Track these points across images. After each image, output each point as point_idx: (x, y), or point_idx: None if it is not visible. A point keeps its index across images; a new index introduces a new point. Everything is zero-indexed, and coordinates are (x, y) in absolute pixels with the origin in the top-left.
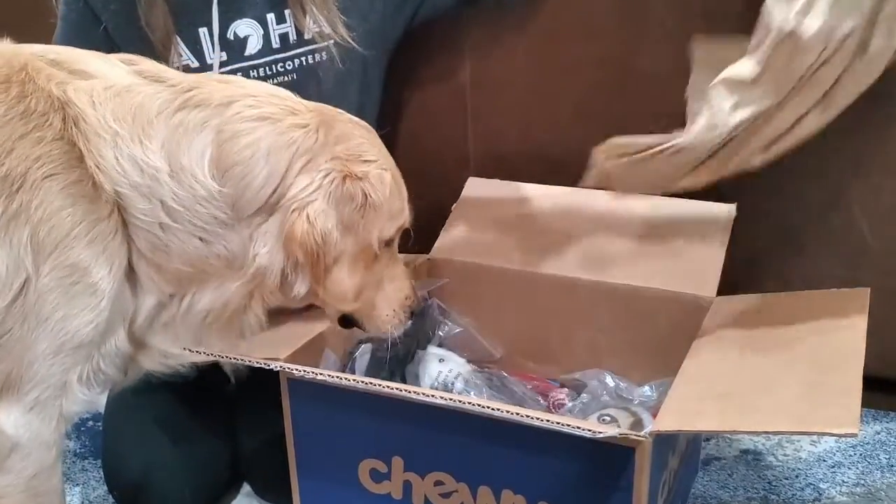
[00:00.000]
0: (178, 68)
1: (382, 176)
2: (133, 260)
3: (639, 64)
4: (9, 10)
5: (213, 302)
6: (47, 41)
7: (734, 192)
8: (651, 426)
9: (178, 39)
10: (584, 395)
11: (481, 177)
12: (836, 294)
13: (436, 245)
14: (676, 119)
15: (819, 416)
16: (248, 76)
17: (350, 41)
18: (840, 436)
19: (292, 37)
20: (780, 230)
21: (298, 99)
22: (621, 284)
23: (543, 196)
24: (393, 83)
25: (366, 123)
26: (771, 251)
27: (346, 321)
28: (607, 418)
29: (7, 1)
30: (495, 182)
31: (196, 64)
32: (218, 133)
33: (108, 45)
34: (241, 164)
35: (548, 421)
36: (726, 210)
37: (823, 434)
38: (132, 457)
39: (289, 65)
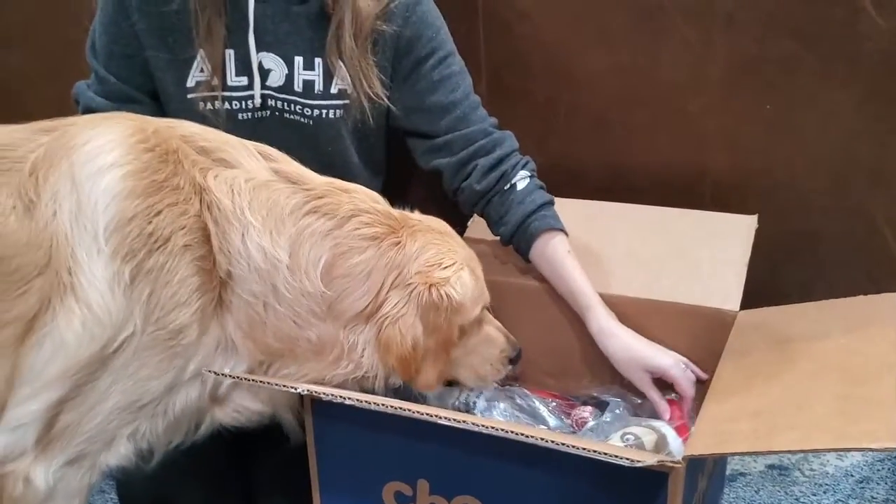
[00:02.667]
0: (196, 82)
1: (461, 277)
2: (229, 330)
3: (658, 74)
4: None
5: (295, 373)
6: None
7: (755, 203)
8: (682, 448)
9: (203, 54)
10: (606, 414)
11: None
12: (862, 301)
13: None
14: (691, 133)
15: (855, 430)
16: (265, 103)
17: (383, 98)
18: (879, 450)
19: (318, 87)
20: (802, 240)
21: (394, 212)
22: (643, 299)
23: (561, 208)
24: None
25: (442, 224)
26: (793, 261)
27: (447, 382)
28: (631, 437)
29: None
30: None
31: (216, 82)
32: (336, 245)
33: (136, 42)
34: (348, 276)
35: (584, 449)
36: (748, 221)
37: (862, 450)
38: (145, 485)
39: (307, 111)
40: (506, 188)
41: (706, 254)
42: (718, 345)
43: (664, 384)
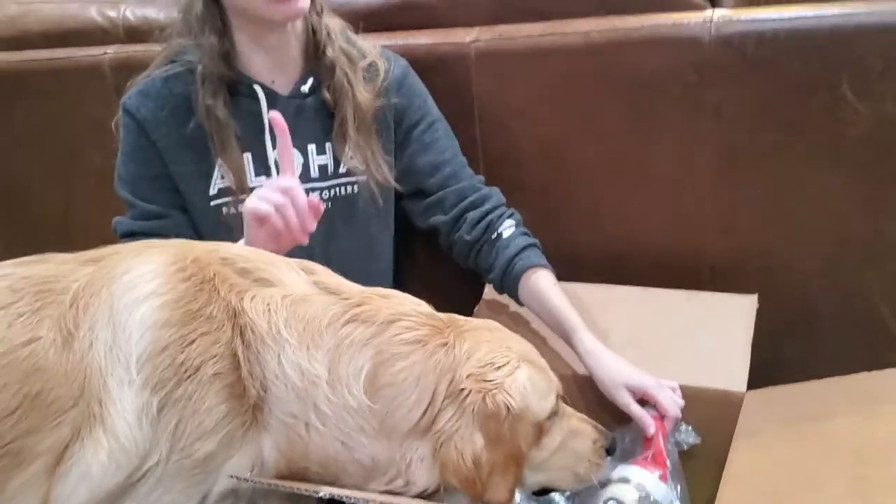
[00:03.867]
0: (218, 190)
1: (517, 378)
2: (265, 452)
3: (651, 164)
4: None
5: (359, 476)
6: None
7: (754, 283)
8: (666, 492)
9: (221, 162)
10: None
11: None
12: (865, 378)
13: None
14: (686, 218)
15: None
16: None
17: (389, 179)
18: None
19: (331, 167)
20: (802, 319)
21: (435, 313)
22: None
23: (564, 293)
24: None
25: (492, 322)
26: (794, 340)
27: (542, 490)
28: (613, 502)
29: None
30: None
31: (237, 187)
32: (377, 353)
33: (159, 162)
34: (394, 385)
35: None
36: (749, 302)
37: None
38: None
39: (325, 194)
40: (493, 237)
41: (709, 335)
42: (727, 426)
43: None
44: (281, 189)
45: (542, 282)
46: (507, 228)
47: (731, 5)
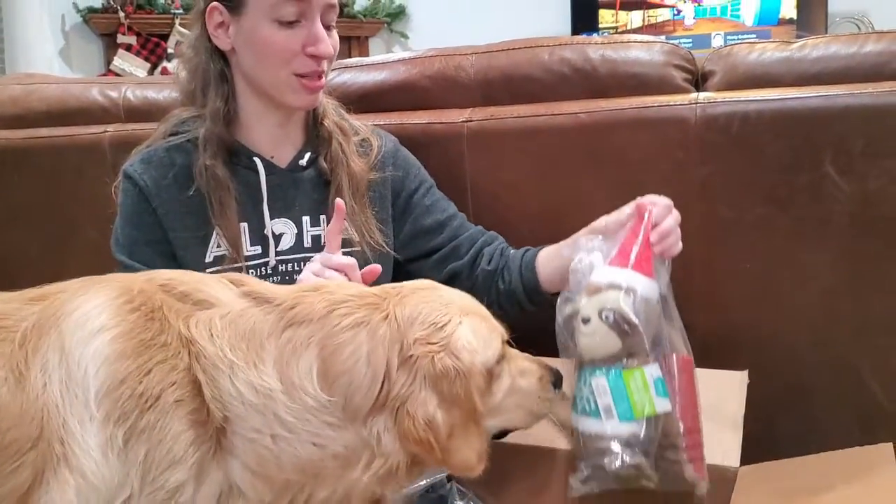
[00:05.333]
0: (214, 257)
1: (461, 335)
2: (234, 476)
3: None
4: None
5: (329, 497)
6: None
7: (744, 358)
8: (653, 287)
9: (219, 231)
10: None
11: None
12: (858, 453)
13: None
14: (675, 292)
15: None
16: (277, 268)
17: (384, 246)
18: None
19: (324, 238)
20: (793, 394)
21: (369, 289)
22: None
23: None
24: None
25: (426, 281)
26: (786, 415)
27: (499, 434)
28: (610, 314)
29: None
30: None
31: (233, 255)
32: (322, 348)
33: (158, 227)
34: (347, 372)
35: None
36: (740, 377)
37: None
38: None
39: None
40: (507, 262)
41: (701, 411)
42: (721, 502)
43: None
44: (338, 266)
45: (542, 251)
46: (514, 251)
47: (715, 88)
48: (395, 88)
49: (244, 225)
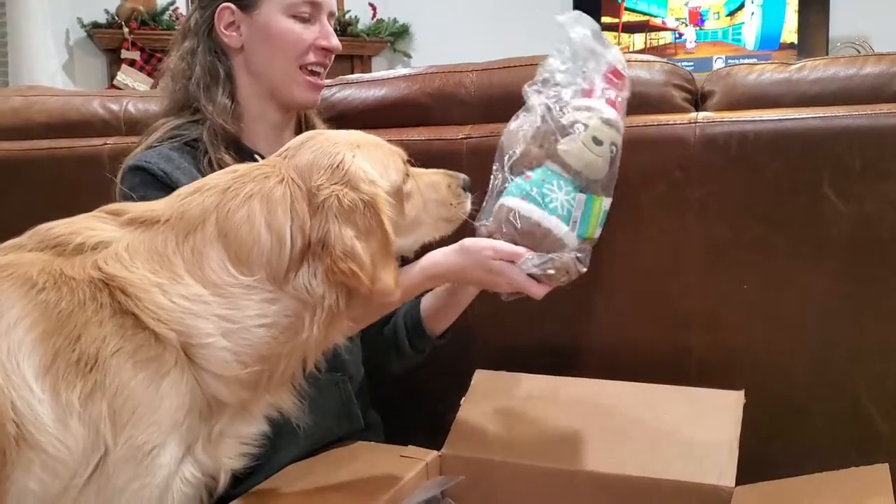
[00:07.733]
0: None
1: (357, 168)
2: (208, 390)
3: (637, 259)
4: None
5: (297, 365)
6: None
7: (741, 379)
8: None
9: None
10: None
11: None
12: (854, 473)
13: (447, 440)
14: (673, 313)
15: None
16: None
17: None
18: None
19: None
20: (789, 415)
21: (256, 164)
22: (638, 477)
23: (552, 387)
24: None
25: (309, 132)
26: (782, 436)
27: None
28: (605, 144)
29: None
30: (503, 374)
31: None
32: (224, 237)
33: None
34: (256, 245)
35: None
36: (736, 397)
37: None
38: None
39: None
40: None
41: (698, 430)
42: None
43: None
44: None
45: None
46: None
47: (715, 108)
48: (396, 105)
49: None
